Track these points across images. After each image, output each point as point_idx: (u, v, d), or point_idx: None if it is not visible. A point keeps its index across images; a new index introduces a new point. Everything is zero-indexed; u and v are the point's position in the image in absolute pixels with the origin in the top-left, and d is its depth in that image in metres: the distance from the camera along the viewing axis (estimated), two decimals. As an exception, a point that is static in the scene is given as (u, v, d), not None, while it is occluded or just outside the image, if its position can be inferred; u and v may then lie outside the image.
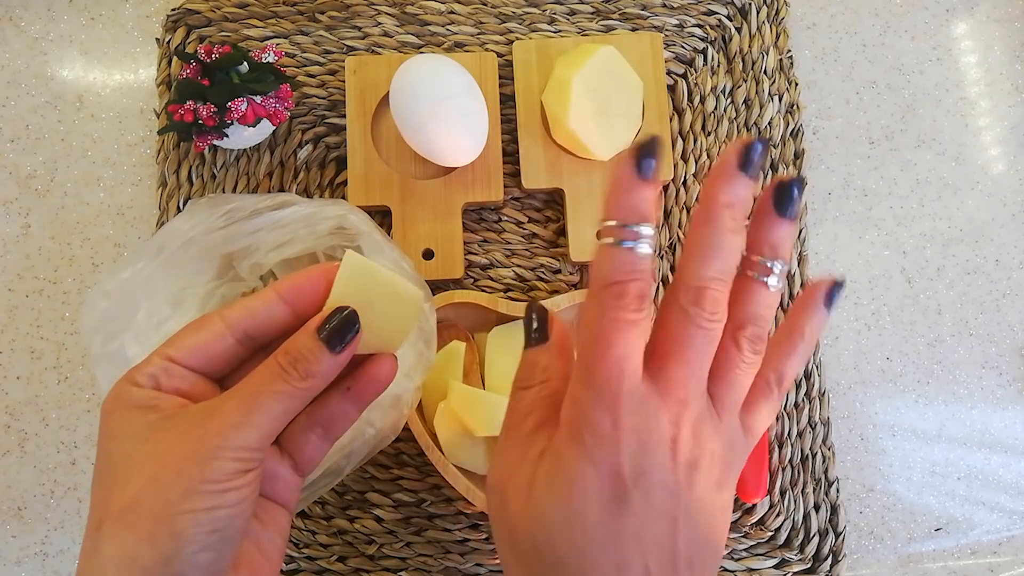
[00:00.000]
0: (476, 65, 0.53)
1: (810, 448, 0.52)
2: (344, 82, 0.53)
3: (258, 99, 0.49)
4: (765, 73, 0.56)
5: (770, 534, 0.51)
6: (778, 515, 0.51)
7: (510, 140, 0.54)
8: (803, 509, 0.51)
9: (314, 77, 0.55)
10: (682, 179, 0.55)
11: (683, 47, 0.56)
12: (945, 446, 0.53)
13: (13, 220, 0.54)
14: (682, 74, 0.56)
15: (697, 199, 0.54)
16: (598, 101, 0.51)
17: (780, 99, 0.56)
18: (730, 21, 0.57)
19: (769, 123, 0.55)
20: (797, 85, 0.56)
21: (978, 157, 0.57)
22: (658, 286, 0.54)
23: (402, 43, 0.56)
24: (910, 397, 0.54)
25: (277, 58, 0.50)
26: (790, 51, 0.57)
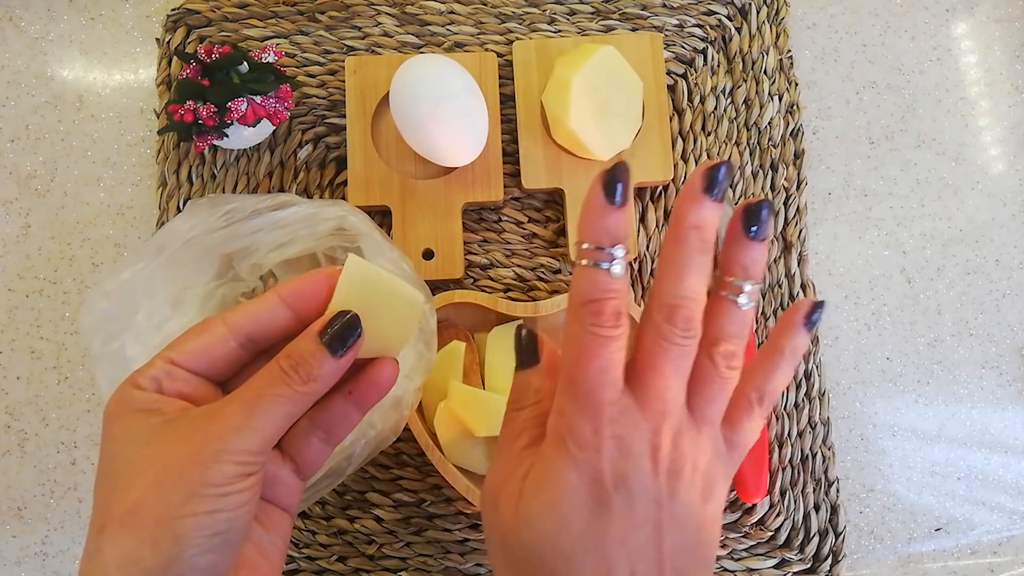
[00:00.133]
0: (476, 65, 0.53)
1: (810, 448, 0.52)
2: (344, 82, 0.53)
3: (258, 99, 0.49)
4: (765, 73, 0.56)
5: (770, 534, 0.51)
6: (778, 515, 0.51)
7: (510, 140, 0.54)
8: (803, 509, 0.51)
9: (314, 77, 0.55)
10: (682, 179, 0.55)
11: (683, 47, 0.56)
12: (945, 446, 0.53)
13: (13, 220, 0.54)
14: (682, 74, 0.56)
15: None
16: (598, 101, 0.51)
17: (780, 99, 0.56)
18: (730, 21, 0.56)
19: (769, 123, 0.55)
20: (797, 85, 0.56)
21: (978, 157, 0.57)
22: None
23: (402, 43, 0.56)
24: (910, 397, 0.54)
25: (277, 58, 0.50)
26: (790, 51, 0.57)
